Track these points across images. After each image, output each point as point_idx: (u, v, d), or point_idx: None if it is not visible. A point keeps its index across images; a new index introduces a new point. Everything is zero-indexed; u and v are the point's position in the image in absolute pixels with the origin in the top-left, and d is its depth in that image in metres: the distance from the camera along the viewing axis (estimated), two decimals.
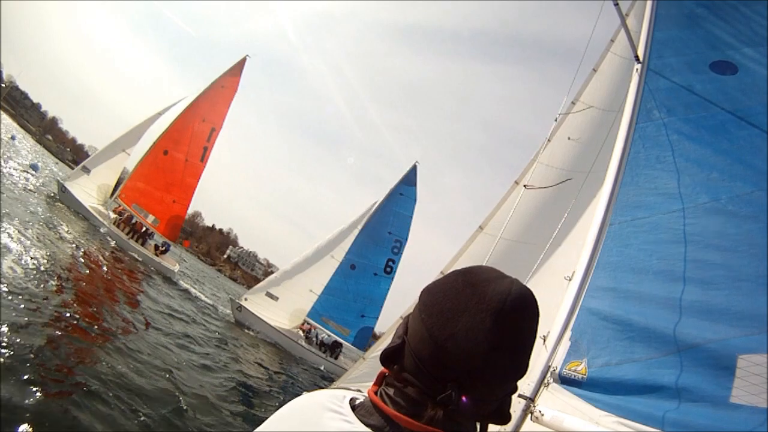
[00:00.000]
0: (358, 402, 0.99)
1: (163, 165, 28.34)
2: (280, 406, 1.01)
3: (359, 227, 28.52)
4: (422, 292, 1.02)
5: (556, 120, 5.61)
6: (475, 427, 0.98)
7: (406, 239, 29.29)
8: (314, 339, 27.23)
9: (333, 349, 27.38)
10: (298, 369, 21.02)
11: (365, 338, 27.93)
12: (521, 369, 0.95)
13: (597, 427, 2.28)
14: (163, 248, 28.34)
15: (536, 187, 5.22)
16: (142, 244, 26.88)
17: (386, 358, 1.00)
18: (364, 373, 7.31)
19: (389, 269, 28.81)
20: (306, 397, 1.03)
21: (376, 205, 29.11)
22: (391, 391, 0.96)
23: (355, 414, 0.95)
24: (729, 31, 3.33)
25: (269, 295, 26.51)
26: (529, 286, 1.00)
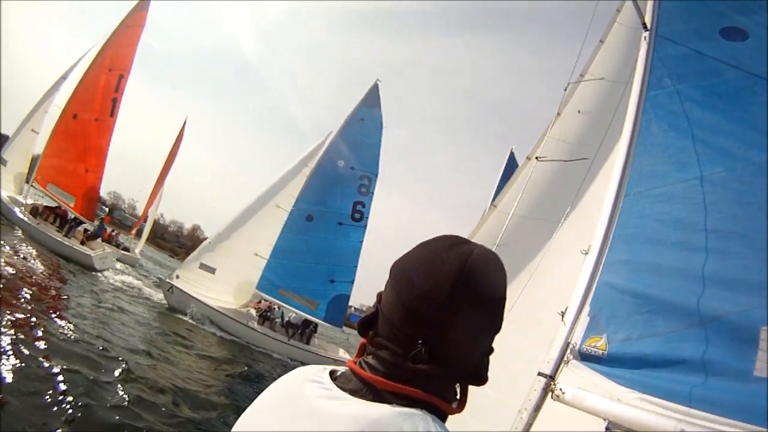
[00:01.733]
0: (338, 373, 1.03)
1: (74, 131, 22.40)
2: None
3: (310, 166, 22.03)
4: (392, 265, 1.05)
5: (565, 90, 5.49)
6: (455, 391, 1.01)
7: (377, 174, 22.65)
8: (279, 320, 21.34)
9: (304, 330, 21.53)
10: (256, 365, 15.51)
11: (340, 311, 21.81)
12: (489, 325, 1.00)
13: (620, 405, 2.20)
14: (93, 231, 23.60)
15: (549, 159, 5.12)
16: (66, 234, 21.21)
17: (362, 326, 1.05)
18: None
19: (358, 215, 22.08)
20: (292, 372, 1.07)
21: (331, 137, 22.37)
22: (369, 359, 1.00)
23: (335, 383, 0.98)
24: None
25: (204, 267, 20.31)
26: (545, 262, 0.96)
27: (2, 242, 14.27)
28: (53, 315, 10.20)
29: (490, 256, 1.01)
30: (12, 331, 7.69)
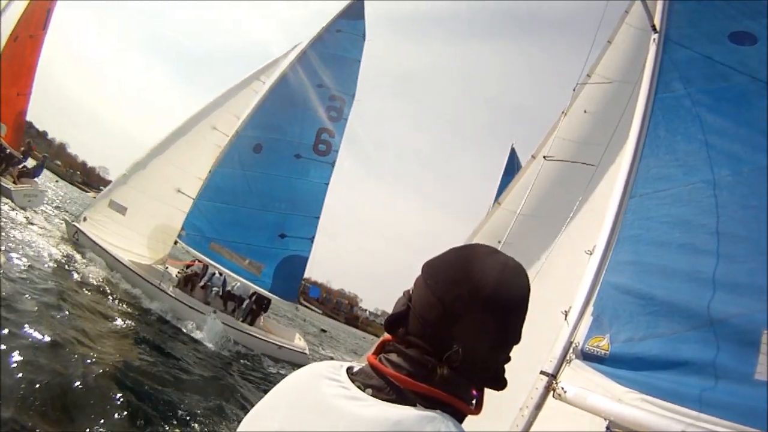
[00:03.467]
0: (356, 369, 1.01)
1: (12, 54, 18.21)
2: None
3: (264, 81, 16.10)
4: (424, 265, 1.05)
5: (574, 90, 5.45)
6: (471, 394, 0.99)
7: (353, 96, 16.56)
8: (217, 289, 15.43)
9: (253, 307, 15.66)
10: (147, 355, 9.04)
11: (293, 279, 15.70)
12: (514, 335, 1.01)
13: (621, 405, 2.19)
14: (30, 169, 19.42)
15: (556, 159, 5.10)
16: (2, 173, 17.51)
17: (392, 323, 1.03)
18: None
19: (324, 147, 15.98)
20: (305, 368, 1.04)
21: (297, 50, 16.18)
22: (392, 356, 0.98)
23: (353, 379, 0.97)
24: (747, 2, 3.17)
25: (114, 205, 14.61)
26: (549, 261, 0.99)
27: None
28: None
29: (523, 270, 1.02)
30: None
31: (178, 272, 15.59)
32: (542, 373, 2.40)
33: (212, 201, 15.17)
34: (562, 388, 2.32)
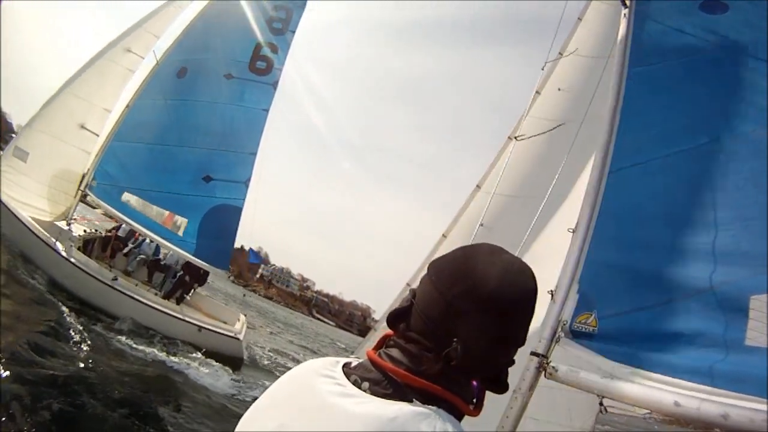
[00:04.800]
0: (354, 364, 1.00)
1: None
2: None
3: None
4: (431, 263, 1.05)
5: (542, 69, 5.43)
6: (470, 393, 0.99)
7: (304, 5, 13.15)
8: (143, 256, 12.75)
9: (183, 280, 12.53)
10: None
11: (223, 238, 12.18)
12: (517, 336, 0.98)
13: (612, 380, 2.16)
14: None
15: (527, 136, 5.09)
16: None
17: (394, 318, 1.02)
18: None
19: (264, 65, 12.64)
20: (302, 365, 1.03)
21: None
22: (392, 351, 0.98)
23: (350, 373, 0.96)
24: None
25: (18, 153, 11.40)
26: (534, 241, 0.94)
27: None
28: None
29: (530, 269, 1.01)
30: None
31: (85, 230, 12.68)
32: (533, 353, 2.37)
33: (127, 141, 12.02)
34: (554, 367, 2.29)
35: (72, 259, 10.58)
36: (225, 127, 12.39)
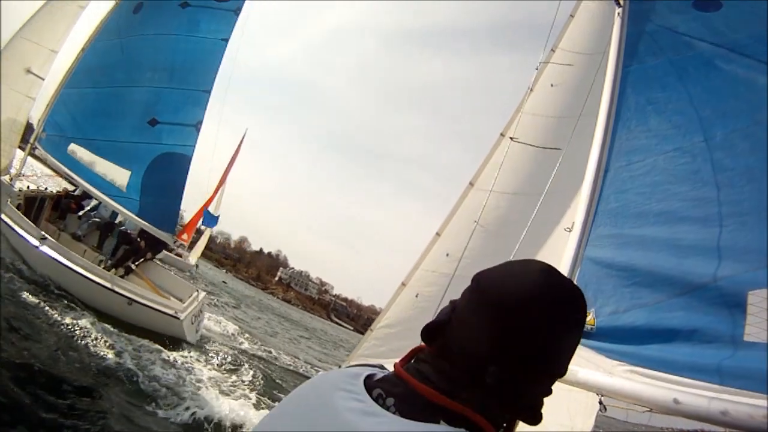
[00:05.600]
0: (378, 377, 0.92)
1: None
2: None
3: None
4: (475, 275, 0.98)
5: (537, 69, 5.42)
6: (503, 420, 0.90)
7: None
8: (94, 221, 11.35)
9: (137, 247, 10.95)
10: None
11: (168, 195, 10.48)
12: (559, 364, 0.92)
13: (612, 377, 2.14)
14: None
15: (521, 141, 5.07)
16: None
17: (430, 332, 0.94)
18: (373, 344, 6.35)
19: None
20: (318, 377, 0.98)
21: None
22: (422, 366, 0.91)
23: (374, 386, 0.89)
24: None
25: None
26: (528, 240, 0.90)
27: None
28: None
29: (581, 296, 0.95)
30: None
31: (28, 188, 11.21)
32: None
33: (77, 87, 10.55)
34: None
35: (2, 215, 9.32)
36: (176, 62, 10.68)
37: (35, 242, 9.16)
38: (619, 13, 3.14)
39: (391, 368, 0.97)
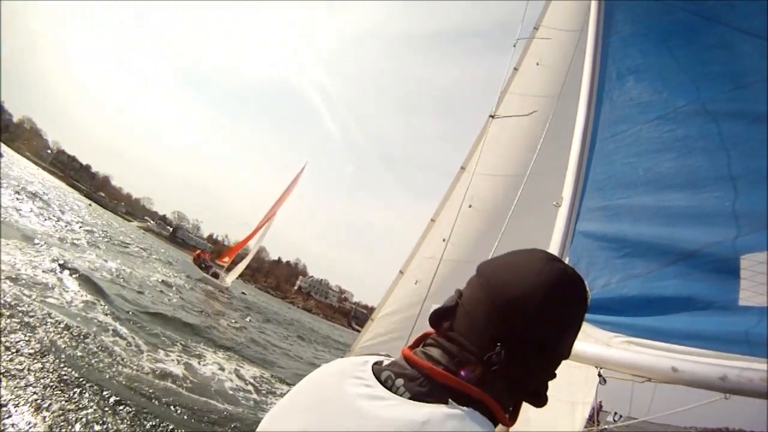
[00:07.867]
0: (387, 362, 0.95)
1: None
2: None
3: None
4: (480, 264, 1.01)
5: (514, 46, 5.33)
6: (509, 401, 0.93)
7: None
8: None
9: None
10: None
11: None
12: (562, 348, 0.94)
13: (609, 349, 2.10)
14: None
15: (502, 115, 5.02)
16: None
17: (437, 316, 0.98)
18: (375, 333, 6.37)
19: None
20: (329, 365, 0.99)
21: None
22: (430, 350, 0.93)
23: (383, 370, 0.91)
24: None
25: None
26: (519, 217, 0.86)
27: None
28: None
29: (581, 280, 0.97)
30: None
31: None
32: None
33: None
34: None
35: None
36: None
37: None
38: None
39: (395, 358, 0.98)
